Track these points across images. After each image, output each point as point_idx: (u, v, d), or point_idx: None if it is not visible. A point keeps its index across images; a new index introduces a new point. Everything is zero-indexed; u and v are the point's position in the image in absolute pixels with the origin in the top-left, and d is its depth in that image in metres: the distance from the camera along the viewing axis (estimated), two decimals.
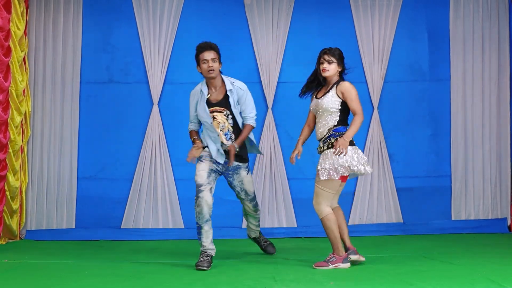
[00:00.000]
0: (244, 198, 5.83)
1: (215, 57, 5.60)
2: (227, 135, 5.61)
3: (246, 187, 5.78)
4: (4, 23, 6.71)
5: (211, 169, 5.53)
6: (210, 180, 5.50)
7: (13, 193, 7.09)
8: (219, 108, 5.62)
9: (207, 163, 5.55)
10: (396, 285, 4.49)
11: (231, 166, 5.53)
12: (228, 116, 5.61)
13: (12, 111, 7.01)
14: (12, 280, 4.87)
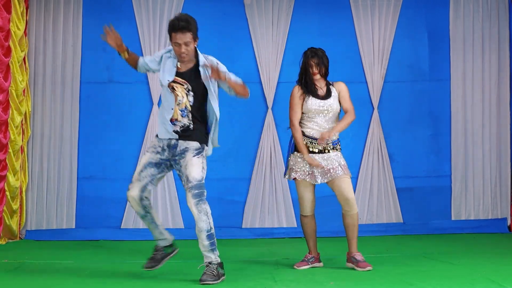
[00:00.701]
0: (185, 186, 4.73)
1: (190, 40, 4.77)
2: (183, 112, 4.81)
3: (189, 171, 4.71)
4: (4, 23, 6.72)
5: (149, 162, 4.82)
6: (143, 176, 4.79)
7: (13, 193, 7.10)
8: (181, 80, 4.84)
9: (147, 155, 4.86)
10: (396, 285, 4.49)
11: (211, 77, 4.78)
12: (189, 91, 4.82)
13: (12, 111, 7.02)
14: (12, 280, 4.87)
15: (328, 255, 5.78)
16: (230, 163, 7.67)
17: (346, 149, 7.62)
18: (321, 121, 5.33)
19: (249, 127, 7.72)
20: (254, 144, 7.68)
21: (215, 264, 4.71)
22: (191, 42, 4.77)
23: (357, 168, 7.72)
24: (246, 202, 7.67)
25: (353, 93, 7.63)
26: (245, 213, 7.66)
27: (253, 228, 7.61)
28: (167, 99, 4.85)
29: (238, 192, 7.66)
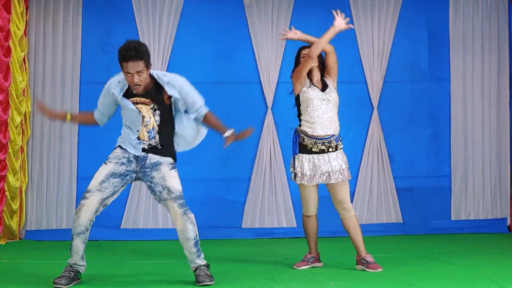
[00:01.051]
0: (167, 197, 4.58)
1: (143, 67, 4.44)
2: (150, 133, 4.66)
3: (169, 183, 4.60)
4: (4, 23, 6.72)
5: (113, 173, 4.60)
6: (105, 187, 4.56)
7: (13, 193, 7.10)
8: (144, 99, 4.62)
9: (110, 166, 4.62)
10: (396, 285, 4.49)
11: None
12: (155, 110, 4.64)
13: (12, 111, 7.02)
14: (12, 281, 4.87)
15: (327, 255, 5.79)
16: (230, 163, 7.68)
17: (346, 149, 7.61)
18: (323, 112, 5.25)
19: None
20: (253, 144, 7.67)
21: (204, 266, 4.70)
22: (144, 70, 4.46)
23: (357, 168, 7.73)
24: (246, 202, 7.67)
25: (353, 93, 7.75)
26: (245, 213, 7.66)
27: (253, 228, 7.61)
28: (132, 120, 4.65)
29: (238, 192, 7.66)
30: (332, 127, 5.28)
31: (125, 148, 4.70)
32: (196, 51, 7.77)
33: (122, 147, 4.72)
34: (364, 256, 5.20)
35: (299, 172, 5.27)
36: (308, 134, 5.26)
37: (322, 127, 5.25)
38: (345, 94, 7.64)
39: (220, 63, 7.82)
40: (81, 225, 4.56)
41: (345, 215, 5.25)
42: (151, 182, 4.64)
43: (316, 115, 5.25)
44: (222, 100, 7.64)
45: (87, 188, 4.59)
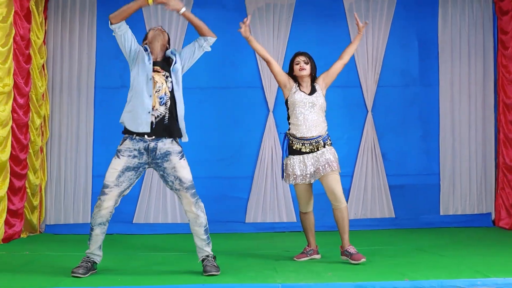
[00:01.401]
0: (180, 188, 4.61)
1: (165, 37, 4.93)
2: (162, 99, 4.63)
3: (180, 173, 4.60)
4: (24, 32, 6.76)
5: (127, 167, 4.59)
6: (121, 181, 4.59)
7: (33, 190, 7.13)
8: (158, 68, 4.71)
9: (123, 160, 4.59)
10: (389, 276, 4.50)
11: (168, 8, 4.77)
12: (167, 78, 4.69)
13: (32, 114, 7.05)
14: (33, 271, 4.90)
15: (326, 247, 5.79)
16: (234, 162, 7.69)
17: (342, 150, 7.66)
18: (308, 114, 5.23)
19: (252, 129, 7.74)
20: (256, 145, 7.69)
21: (211, 256, 4.73)
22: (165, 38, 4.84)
23: (352, 166, 7.75)
24: (249, 198, 7.69)
25: (348, 97, 7.78)
26: (248, 209, 7.68)
27: (256, 223, 7.62)
28: (143, 87, 4.59)
29: (242, 189, 7.67)
30: (317, 129, 5.23)
31: (133, 129, 4.62)
32: (202, 58, 7.65)
33: (131, 138, 4.64)
34: (347, 248, 5.14)
35: (290, 173, 5.26)
36: (296, 136, 5.25)
37: (306, 129, 5.22)
38: (341, 97, 7.74)
39: (225, 69, 7.84)
40: (102, 217, 4.64)
41: (335, 206, 5.19)
42: (164, 172, 4.65)
43: (301, 117, 5.24)
44: (227, 103, 7.68)
45: (105, 183, 4.60)
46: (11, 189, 6.52)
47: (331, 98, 7.53)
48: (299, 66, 5.35)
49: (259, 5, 7.81)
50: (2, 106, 6.25)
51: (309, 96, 5.28)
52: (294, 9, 7.80)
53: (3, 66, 6.21)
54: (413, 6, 7.92)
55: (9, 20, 6.28)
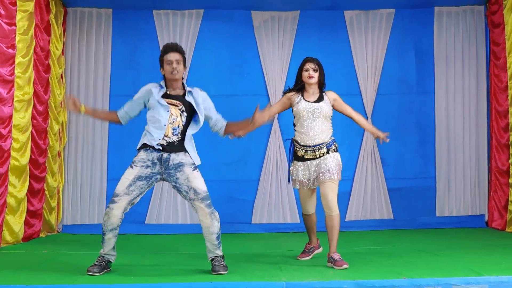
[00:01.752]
0: (194, 198, 4.56)
1: (180, 59, 4.70)
2: (175, 130, 4.61)
3: (194, 184, 4.55)
4: (44, 44, 6.80)
5: (139, 176, 4.55)
6: (132, 190, 4.53)
7: (51, 192, 7.15)
8: (175, 101, 4.65)
9: (136, 170, 4.56)
10: (387, 274, 4.49)
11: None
12: (182, 112, 4.64)
13: (51, 121, 7.08)
14: (51, 268, 4.90)
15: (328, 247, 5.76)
16: (241, 166, 7.70)
17: (343, 155, 7.61)
18: (313, 124, 5.05)
19: (258, 135, 7.71)
20: (262, 149, 7.70)
21: (220, 256, 4.73)
22: (181, 62, 4.69)
23: (353, 170, 7.74)
24: (255, 200, 7.69)
25: (349, 104, 7.68)
26: (254, 211, 7.68)
27: (261, 224, 7.62)
28: (159, 117, 4.58)
29: (248, 192, 7.67)
30: (321, 137, 5.05)
31: (147, 142, 4.60)
32: (211, 67, 7.80)
33: (145, 149, 4.61)
34: (332, 255, 4.88)
35: (295, 178, 5.17)
36: (299, 143, 5.11)
37: (309, 137, 5.05)
38: None
39: (232, 78, 7.85)
40: (112, 224, 4.59)
41: (327, 213, 4.96)
42: (176, 183, 4.58)
43: (305, 125, 5.06)
44: (234, 110, 7.59)
45: (115, 191, 4.53)
46: (31, 191, 6.54)
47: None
48: (308, 74, 5.11)
49: (265, 17, 7.82)
50: (23, 113, 6.27)
51: (314, 104, 5.08)
52: (298, 21, 7.81)
53: (24, 75, 6.23)
54: (410, 19, 7.92)
55: (30, 32, 6.31)
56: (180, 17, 7.75)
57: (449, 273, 4.47)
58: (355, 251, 5.81)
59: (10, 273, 4.67)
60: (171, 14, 7.76)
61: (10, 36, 5.93)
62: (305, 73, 5.13)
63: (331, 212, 4.96)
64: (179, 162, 4.59)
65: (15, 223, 6.18)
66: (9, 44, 5.90)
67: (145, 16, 7.74)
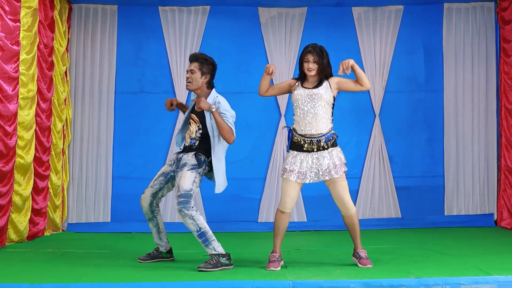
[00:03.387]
0: (176, 195, 4.85)
1: (195, 68, 5.00)
2: (192, 140, 5.05)
3: (181, 181, 4.82)
4: (48, 41, 6.82)
5: (163, 172, 5.12)
6: (155, 184, 5.08)
7: (55, 191, 7.18)
8: (195, 118, 5.04)
9: (164, 167, 5.18)
10: (395, 273, 4.49)
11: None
12: (199, 129, 5.02)
13: (54, 118, 7.10)
14: (56, 267, 4.93)
15: (336, 246, 5.78)
16: (247, 164, 7.70)
17: (351, 153, 7.73)
18: (308, 109, 4.80)
19: (265, 133, 7.75)
20: (269, 147, 7.70)
21: (216, 255, 4.78)
22: (196, 71, 5.01)
23: (360, 169, 7.75)
24: (262, 199, 7.70)
25: (357, 102, 7.77)
26: (260, 209, 7.69)
27: (268, 222, 7.59)
28: (183, 127, 5.18)
29: (255, 190, 7.68)
30: (319, 126, 4.80)
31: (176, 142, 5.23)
32: (218, 64, 7.74)
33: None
34: (359, 251, 4.93)
35: (287, 167, 4.83)
36: (297, 132, 4.89)
37: (306, 125, 4.82)
38: (350, 103, 7.75)
39: (239, 75, 7.86)
40: (146, 213, 5.13)
41: (345, 213, 4.92)
42: (175, 181, 5.00)
43: (301, 113, 4.84)
44: (241, 107, 7.57)
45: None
46: (35, 189, 6.58)
47: (341, 103, 7.54)
48: (307, 66, 4.86)
49: (272, 14, 7.82)
50: (27, 111, 6.30)
51: (311, 90, 4.83)
52: (305, 18, 7.81)
53: (28, 72, 6.26)
54: (419, 15, 7.90)
55: (34, 29, 6.34)
56: (186, 14, 7.77)
57: (457, 272, 4.47)
58: None
59: (15, 271, 4.70)
60: (177, 10, 7.78)
61: (15, 32, 5.96)
62: (305, 64, 4.89)
63: (350, 212, 4.92)
64: (185, 162, 4.95)
65: (20, 221, 6.22)
66: (13, 41, 5.93)
67: (151, 12, 7.76)
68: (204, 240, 4.80)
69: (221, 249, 4.82)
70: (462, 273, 4.44)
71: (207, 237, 4.80)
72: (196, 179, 4.89)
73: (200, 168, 4.93)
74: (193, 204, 4.81)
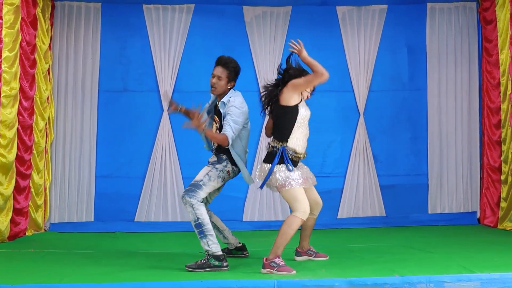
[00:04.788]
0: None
1: (222, 75, 5.06)
2: (209, 143, 5.27)
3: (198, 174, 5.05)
4: (30, 38, 6.75)
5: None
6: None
7: (37, 190, 7.10)
8: (216, 118, 5.18)
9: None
10: (379, 272, 4.51)
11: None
12: (217, 129, 5.13)
13: (36, 117, 7.02)
14: (38, 268, 4.89)
15: (320, 245, 5.77)
16: None
17: (335, 151, 7.75)
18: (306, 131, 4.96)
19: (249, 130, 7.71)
20: (253, 145, 7.66)
21: (209, 254, 4.75)
22: (223, 78, 5.07)
23: (345, 167, 7.76)
24: (247, 198, 7.68)
25: (342, 101, 7.79)
26: (245, 208, 7.67)
27: (253, 221, 7.61)
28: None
29: (239, 189, 7.61)
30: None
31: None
32: (202, 63, 7.75)
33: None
34: (310, 247, 5.25)
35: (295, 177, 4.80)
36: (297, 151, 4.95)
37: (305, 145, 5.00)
38: (335, 101, 7.77)
39: None
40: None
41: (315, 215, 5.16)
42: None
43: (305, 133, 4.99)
44: None
45: None
46: (17, 189, 6.50)
47: (325, 102, 7.62)
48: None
49: (256, 13, 7.81)
50: (9, 109, 6.23)
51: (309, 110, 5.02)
52: (290, 17, 7.80)
53: (10, 70, 6.19)
54: (402, 15, 7.93)
55: (16, 26, 6.26)
56: (170, 12, 7.73)
57: (441, 270, 4.50)
58: (347, 248, 5.83)
59: None
60: (161, 8, 7.73)
61: None
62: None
63: (317, 214, 5.18)
64: (209, 161, 5.16)
65: (1, 221, 6.15)
66: None
67: (135, 10, 7.71)
68: (200, 231, 4.80)
69: (215, 248, 4.78)
70: (446, 270, 4.47)
71: (203, 229, 4.80)
72: (210, 173, 4.99)
73: (219, 164, 5.07)
74: (200, 195, 4.86)
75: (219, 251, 4.78)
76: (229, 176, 5.16)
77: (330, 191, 7.44)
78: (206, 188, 4.93)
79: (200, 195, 4.85)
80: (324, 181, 7.12)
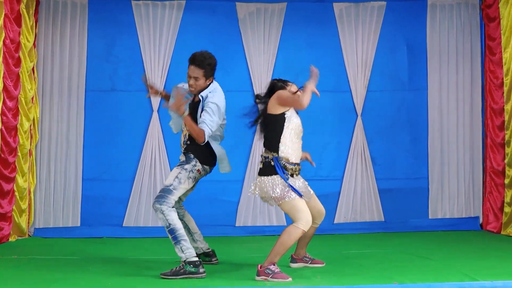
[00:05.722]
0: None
1: (199, 76, 5.06)
2: (185, 137, 5.23)
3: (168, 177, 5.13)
4: (14, 35, 6.72)
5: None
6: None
7: (21, 194, 7.07)
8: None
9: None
10: (377, 279, 4.52)
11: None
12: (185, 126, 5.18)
13: (21, 117, 7.00)
14: (21, 275, 4.87)
15: (315, 251, 5.78)
16: None
17: (332, 154, 7.76)
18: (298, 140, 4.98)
19: (242, 133, 7.70)
20: (246, 148, 7.68)
21: (184, 261, 4.77)
22: (200, 78, 5.06)
23: (342, 170, 7.76)
24: (240, 202, 7.67)
25: (338, 102, 7.80)
26: (238, 213, 7.66)
27: (246, 226, 7.60)
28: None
29: (232, 193, 7.64)
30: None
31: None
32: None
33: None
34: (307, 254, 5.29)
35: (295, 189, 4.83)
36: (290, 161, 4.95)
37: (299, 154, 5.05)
38: (332, 102, 7.78)
39: (216, 73, 7.77)
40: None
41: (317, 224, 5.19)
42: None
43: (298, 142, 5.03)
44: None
45: None
46: (0, 193, 6.48)
47: (322, 103, 7.60)
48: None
49: (250, 9, 7.81)
50: None
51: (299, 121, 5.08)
52: (285, 13, 7.81)
53: None
54: (402, 12, 7.94)
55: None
56: (160, 9, 7.71)
57: (442, 278, 4.51)
58: (344, 255, 5.84)
59: None
60: (151, 5, 7.72)
61: None
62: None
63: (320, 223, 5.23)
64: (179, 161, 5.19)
65: None
66: None
67: (123, 7, 7.69)
68: (174, 237, 4.84)
69: (189, 253, 4.78)
70: (447, 278, 4.47)
71: (176, 235, 4.83)
72: (180, 175, 5.00)
73: (187, 164, 5.04)
74: (170, 200, 4.88)
75: (195, 257, 4.79)
76: (200, 175, 5.16)
77: (326, 195, 7.40)
78: (177, 192, 4.96)
79: (170, 200, 4.90)
80: (320, 184, 7.10)
